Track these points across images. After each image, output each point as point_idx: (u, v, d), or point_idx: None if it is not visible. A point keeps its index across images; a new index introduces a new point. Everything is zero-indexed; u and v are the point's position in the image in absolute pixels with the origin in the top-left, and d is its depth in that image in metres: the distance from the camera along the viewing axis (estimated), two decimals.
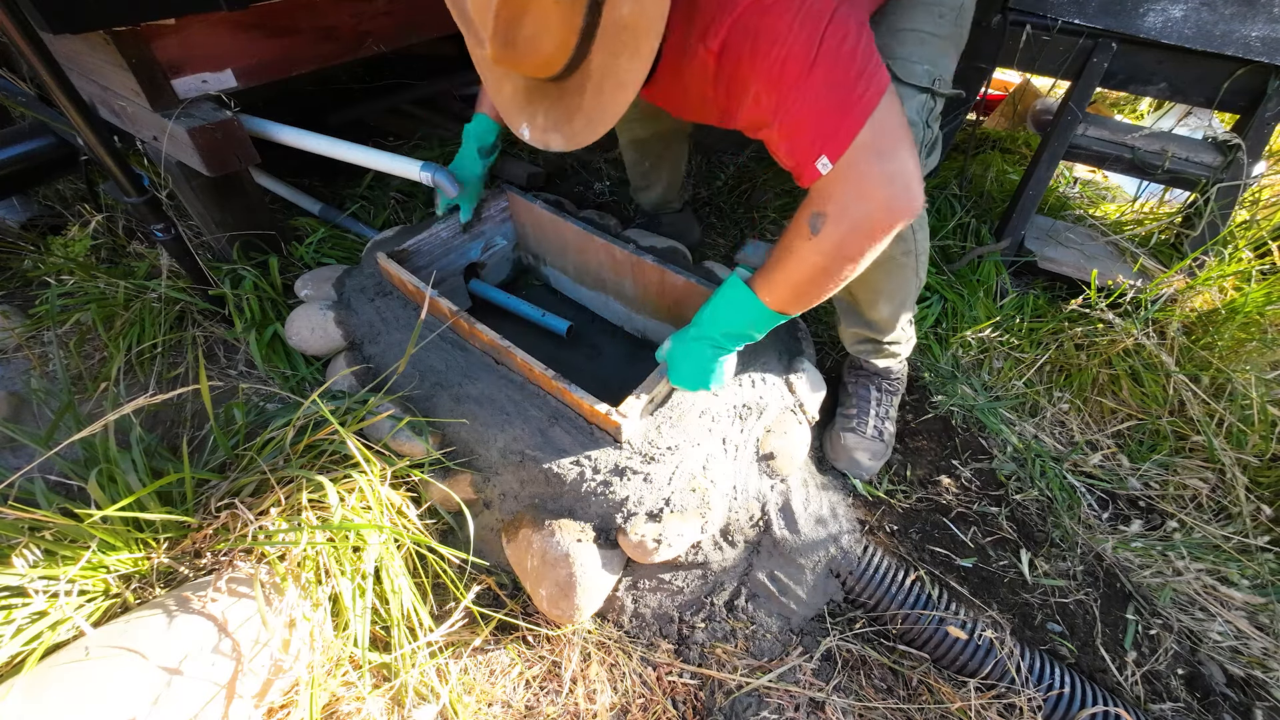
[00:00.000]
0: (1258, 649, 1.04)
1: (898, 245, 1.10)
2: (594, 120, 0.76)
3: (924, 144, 1.01)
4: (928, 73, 0.99)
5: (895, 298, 1.16)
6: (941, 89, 1.01)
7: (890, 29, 1.01)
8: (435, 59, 2.46)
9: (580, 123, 0.77)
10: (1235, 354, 1.30)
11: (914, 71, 0.98)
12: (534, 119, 0.83)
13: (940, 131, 1.05)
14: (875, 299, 1.17)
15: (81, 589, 0.81)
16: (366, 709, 0.89)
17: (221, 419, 1.09)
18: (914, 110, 0.98)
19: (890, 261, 1.11)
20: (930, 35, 1.01)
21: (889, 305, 1.17)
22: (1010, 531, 1.20)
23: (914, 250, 1.11)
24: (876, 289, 1.15)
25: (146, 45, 1.17)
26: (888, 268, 1.12)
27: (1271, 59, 1.23)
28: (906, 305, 1.19)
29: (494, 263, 1.51)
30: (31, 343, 1.36)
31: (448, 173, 1.29)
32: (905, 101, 0.97)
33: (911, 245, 1.11)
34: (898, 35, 1.01)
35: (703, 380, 0.99)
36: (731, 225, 1.90)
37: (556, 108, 0.79)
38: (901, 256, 1.11)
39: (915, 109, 0.98)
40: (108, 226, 1.58)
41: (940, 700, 0.97)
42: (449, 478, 1.05)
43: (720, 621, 1.06)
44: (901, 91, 0.97)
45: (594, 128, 0.77)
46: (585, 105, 0.76)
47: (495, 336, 1.06)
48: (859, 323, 1.23)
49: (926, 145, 1.02)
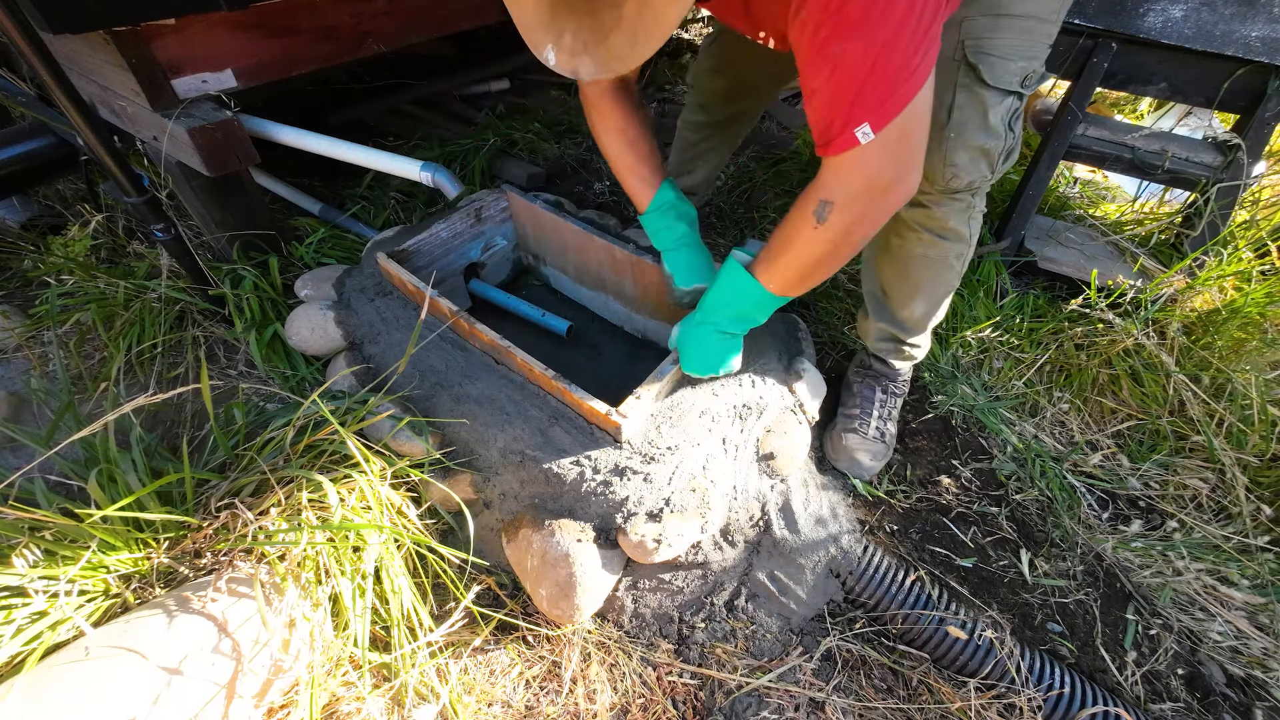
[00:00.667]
0: (1258, 649, 1.04)
1: (954, 244, 1.05)
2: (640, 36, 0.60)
3: (1006, 150, 0.94)
4: (1021, 70, 0.88)
5: (931, 298, 1.13)
6: (1032, 85, 0.90)
7: (992, 9, 0.85)
8: (435, 59, 2.47)
9: (621, 39, 0.61)
10: (1235, 354, 1.30)
11: (1005, 74, 0.87)
12: (560, 38, 0.65)
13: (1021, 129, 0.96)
14: (911, 298, 1.13)
15: (81, 589, 0.81)
16: (366, 709, 0.89)
17: (221, 419, 1.09)
18: (998, 118, 0.89)
19: (941, 260, 1.06)
20: (1039, 21, 0.87)
21: (923, 305, 1.14)
22: (1010, 531, 1.20)
23: (965, 254, 1.07)
24: (916, 286, 1.11)
25: (146, 45, 1.17)
26: (937, 265, 1.07)
27: (1271, 59, 1.23)
28: (941, 308, 1.16)
29: (494, 263, 1.51)
30: (31, 343, 1.36)
31: (448, 173, 1.29)
32: (990, 108, 0.88)
33: (965, 248, 1.06)
34: (999, 23, 0.86)
35: (713, 365, 0.99)
36: (731, 225, 1.91)
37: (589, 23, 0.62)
38: (954, 258, 1.06)
39: (1000, 116, 0.89)
40: (108, 226, 1.58)
41: (940, 700, 0.97)
42: (449, 478, 1.05)
43: (720, 621, 1.06)
44: (987, 97, 0.88)
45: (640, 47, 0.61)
46: (626, 16, 0.60)
47: (495, 336, 1.06)
48: (887, 319, 1.20)
49: (1005, 151, 0.94)
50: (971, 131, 0.92)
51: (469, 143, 2.04)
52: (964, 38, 0.88)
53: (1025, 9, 0.86)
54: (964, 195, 1.01)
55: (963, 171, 0.95)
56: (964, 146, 0.93)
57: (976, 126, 0.92)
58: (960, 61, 0.88)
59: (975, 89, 0.89)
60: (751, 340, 1.19)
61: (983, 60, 0.87)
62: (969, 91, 0.90)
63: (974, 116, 0.91)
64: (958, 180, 0.96)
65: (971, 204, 1.03)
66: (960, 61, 0.88)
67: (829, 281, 1.65)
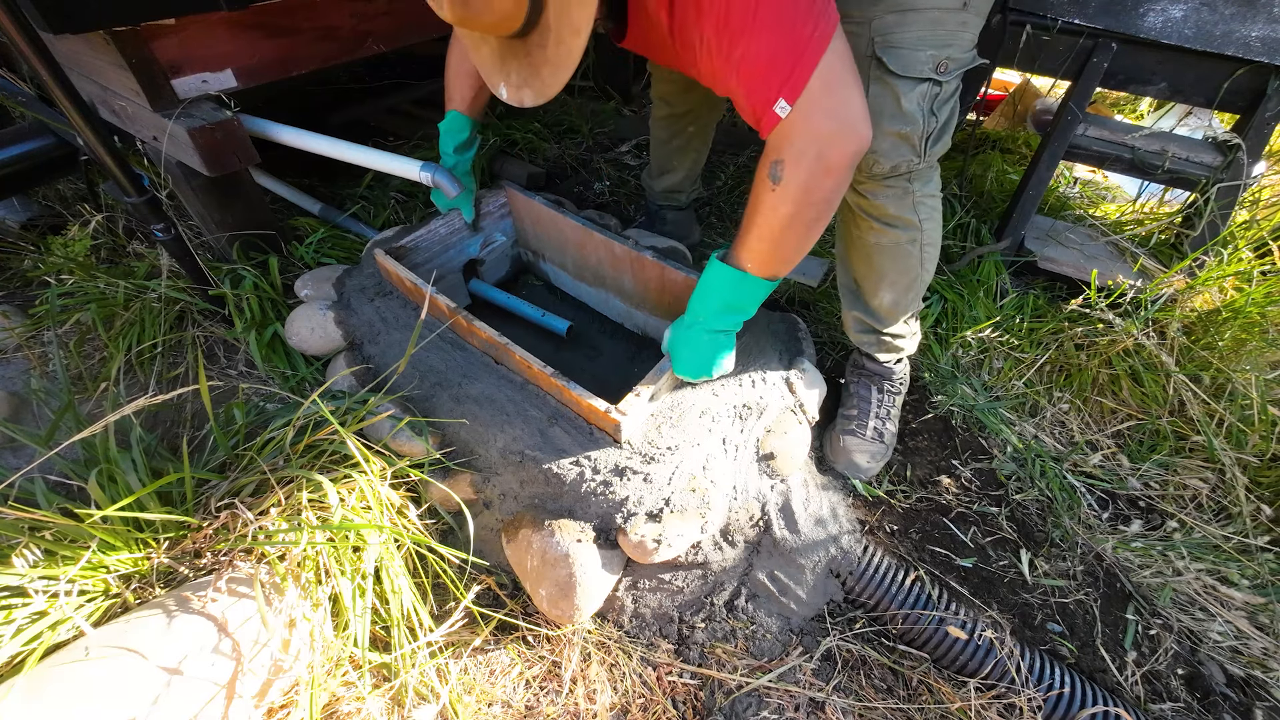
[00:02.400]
0: (1258, 649, 1.04)
1: (903, 231, 1.09)
2: (558, 68, 0.79)
3: (927, 134, 0.98)
4: (931, 59, 0.93)
5: (898, 285, 1.15)
6: (952, 70, 0.94)
7: (896, 6, 0.91)
8: (435, 59, 2.46)
9: (547, 72, 0.80)
10: (1235, 354, 1.30)
11: (914, 63, 0.93)
12: (509, 77, 0.86)
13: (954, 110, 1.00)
14: (877, 285, 1.16)
15: (81, 589, 0.81)
16: (366, 709, 0.89)
17: (221, 419, 1.09)
18: (912, 104, 0.95)
19: (895, 247, 1.10)
20: (948, 11, 0.91)
21: (890, 293, 1.16)
22: (1010, 531, 1.20)
23: (920, 240, 1.10)
24: (880, 273, 1.15)
25: (146, 45, 1.17)
26: (892, 253, 1.11)
27: (1271, 59, 1.23)
28: (910, 296, 1.18)
29: (493, 259, 1.51)
30: (31, 343, 1.36)
31: (448, 172, 1.29)
32: (902, 95, 0.94)
33: (918, 234, 1.10)
34: (905, 18, 0.91)
35: (704, 368, 1.00)
36: (731, 225, 1.91)
37: (525, 64, 0.82)
38: (908, 244, 1.10)
39: (914, 102, 0.95)
40: (108, 226, 1.58)
41: (940, 700, 0.97)
42: (449, 478, 1.05)
43: (720, 621, 1.06)
44: (898, 85, 0.94)
45: (559, 75, 0.79)
46: (549, 56, 0.79)
47: (493, 333, 1.06)
48: (860, 307, 1.23)
49: (932, 134, 0.99)
50: (887, 119, 0.97)
51: None
52: (873, 35, 0.93)
53: (930, 1, 0.90)
54: (897, 181, 1.05)
55: (884, 157, 1.00)
56: (881, 133, 0.97)
57: (891, 114, 0.96)
58: (871, 58, 0.94)
59: (886, 79, 0.95)
60: (751, 340, 1.19)
61: (888, 54, 0.93)
62: (881, 82, 0.95)
63: (887, 105, 0.96)
64: (880, 165, 1.01)
65: (908, 189, 1.06)
66: (871, 58, 0.94)
67: (829, 281, 1.65)
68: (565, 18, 0.75)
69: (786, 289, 1.66)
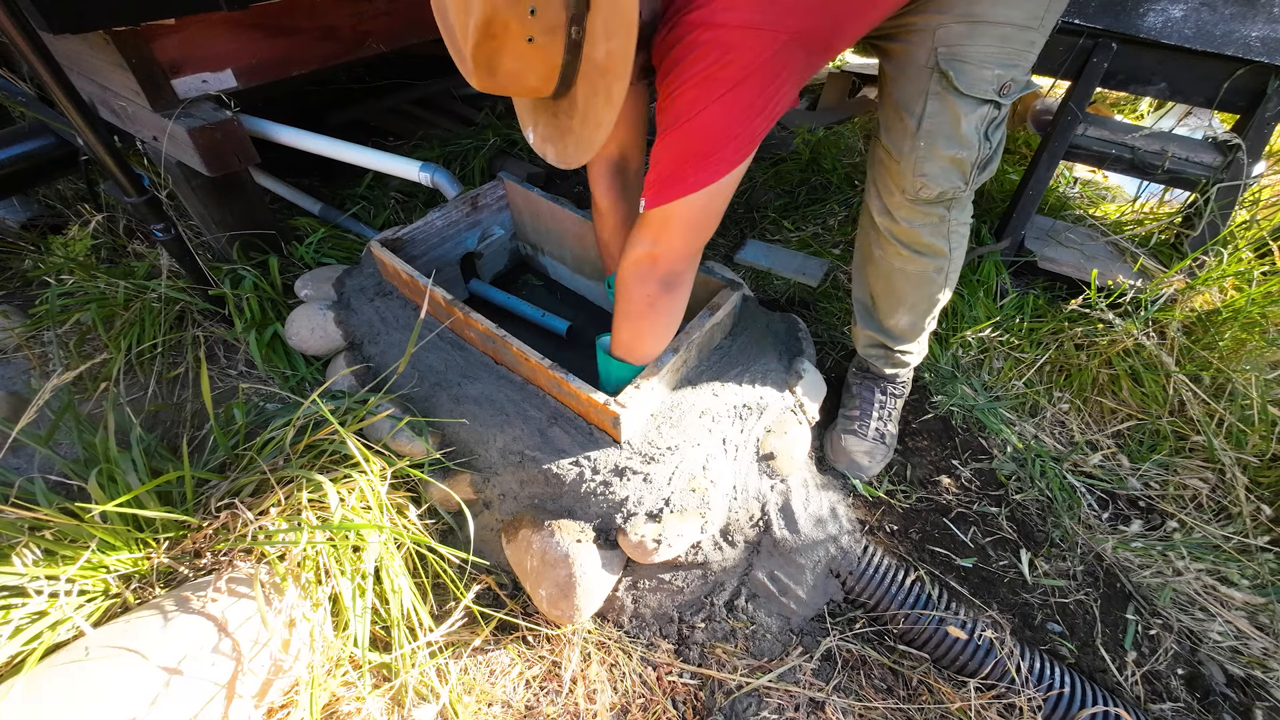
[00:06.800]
0: (1258, 649, 1.03)
1: (931, 260, 1.05)
2: (580, 147, 0.78)
3: (978, 162, 0.92)
4: (997, 79, 0.86)
5: (917, 309, 1.14)
6: (1012, 93, 0.88)
7: (967, 15, 0.83)
8: (435, 59, 2.46)
9: (570, 143, 0.79)
10: (1235, 354, 1.30)
11: (979, 81, 0.85)
12: (537, 128, 0.84)
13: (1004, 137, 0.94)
14: (896, 308, 1.14)
15: (81, 589, 0.81)
16: (366, 709, 0.89)
17: (221, 419, 1.09)
18: (971, 126, 0.88)
19: (920, 276, 1.07)
20: (1018, 29, 0.84)
21: (909, 316, 1.15)
22: (1010, 531, 1.20)
23: (946, 269, 1.07)
24: (900, 298, 1.12)
25: (146, 45, 1.17)
26: (916, 281, 1.08)
27: (1271, 59, 1.23)
28: (928, 320, 1.16)
29: (491, 253, 1.51)
30: (31, 343, 1.36)
31: (447, 173, 1.29)
32: (963, 117, 0.88)
33: (945, 262, 1.06)
34: (976, 29, 0.84)
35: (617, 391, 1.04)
36: (731, 225, 1.91)
37: (552, 123, 0.81)
38: (933, 273, 1.07)
39: (973, 125, 0.88)
40: (108, 226, 1.58)
41: (940, 700, 0.97)
42: (449, 478, 1.05)
43: (720, 621, 1.06)
44: (959, 105, 0.87)
45: (580, 154, 0.79)
46: (575, 129, 0.78)
47: (491, 326, 1.06)
48: (874, 327, 1.21)
49: (981, 162, 0.93)
50: (942, 142, 0.90)
51: (469, 143, 2.04)
52: (937, 44, 0.85)
53: (1004, 15, 0.83)
54: (936, 207, 0.99)
55: (933, 182, 0.94)
56: (934, 157, 0.92)
57: (948, 136, 0.90)
58: (933, 69, 0.87)
59: (947, 96, 0.88)
60: (751, 340, 1.19)
61: (955, 67, 0.85)
62: (940, 100, 0.88)
63: (945, 125, 0.89)
64: (928, 191, 0.95)
65: (946, 217, 1.01)
66: (933, 69, 0.87)
67: (829, 281, 1.65)
68: (592, 107, 0.73)
69: (786, 289, 1.66)
